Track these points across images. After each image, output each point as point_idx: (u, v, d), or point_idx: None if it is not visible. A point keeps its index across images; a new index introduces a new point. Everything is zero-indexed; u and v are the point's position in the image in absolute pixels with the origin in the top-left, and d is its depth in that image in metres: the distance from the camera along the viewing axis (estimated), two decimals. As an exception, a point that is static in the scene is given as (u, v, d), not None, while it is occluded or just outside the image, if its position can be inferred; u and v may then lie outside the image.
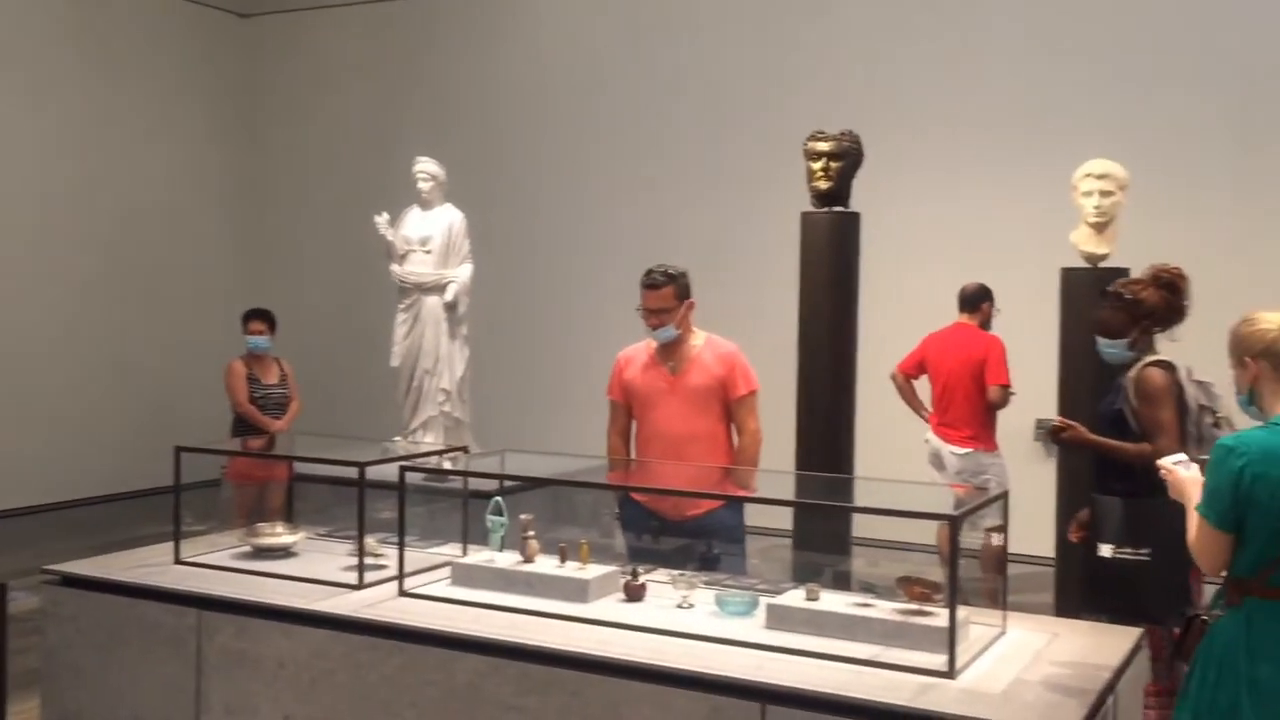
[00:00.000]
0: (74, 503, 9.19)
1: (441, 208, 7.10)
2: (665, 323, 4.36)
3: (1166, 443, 4.08)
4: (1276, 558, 2.79)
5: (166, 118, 10.27)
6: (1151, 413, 4.21)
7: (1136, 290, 4.37)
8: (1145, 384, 4.25)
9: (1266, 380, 2.91)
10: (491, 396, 7.97)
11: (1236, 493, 2.79)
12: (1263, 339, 2.91)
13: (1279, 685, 2.79)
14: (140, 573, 3.98)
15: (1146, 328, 4.36)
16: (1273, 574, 2.80)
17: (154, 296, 10.09)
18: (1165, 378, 4.24)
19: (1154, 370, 4.27)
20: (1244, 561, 2.84)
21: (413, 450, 5.81)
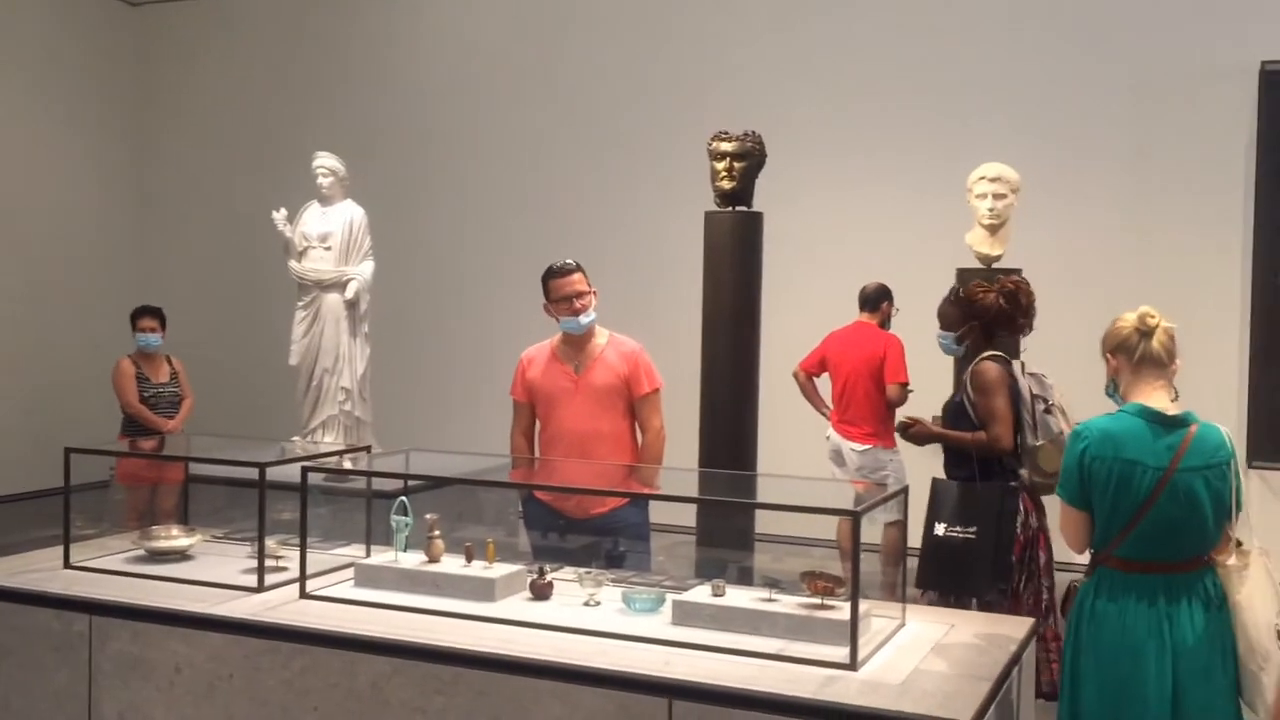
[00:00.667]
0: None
1: (342, 204, 6.99)
2: (587, 306, 4.39)
3: (1000, 430, 4.48)
4: (1119, 532, 3.12)
5: (51, 109, 9.92)
6: (986, 402, 4.53)
7: (976, 292, 4.69)
8: (980, 376, 4.58)
9: (1123, 372, 3.25)
10: (393, 396, 7.87)
11: (1080, 472, 3.15)
12: (1117, 336, 3.25)
13: (1115, 648, 3.13)
14: (27, 578, 3.85)
15: (975, 327, 4.68)
16: (1118, 546, 3.14)
17: (39, 294, 9.73)
18: (998, 370, 4.57)
19: (988, 364, 4.59)
20: (1097, 536, 3.20)
21: (313, 450, 5.71)
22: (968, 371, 4.67)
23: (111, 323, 7.96)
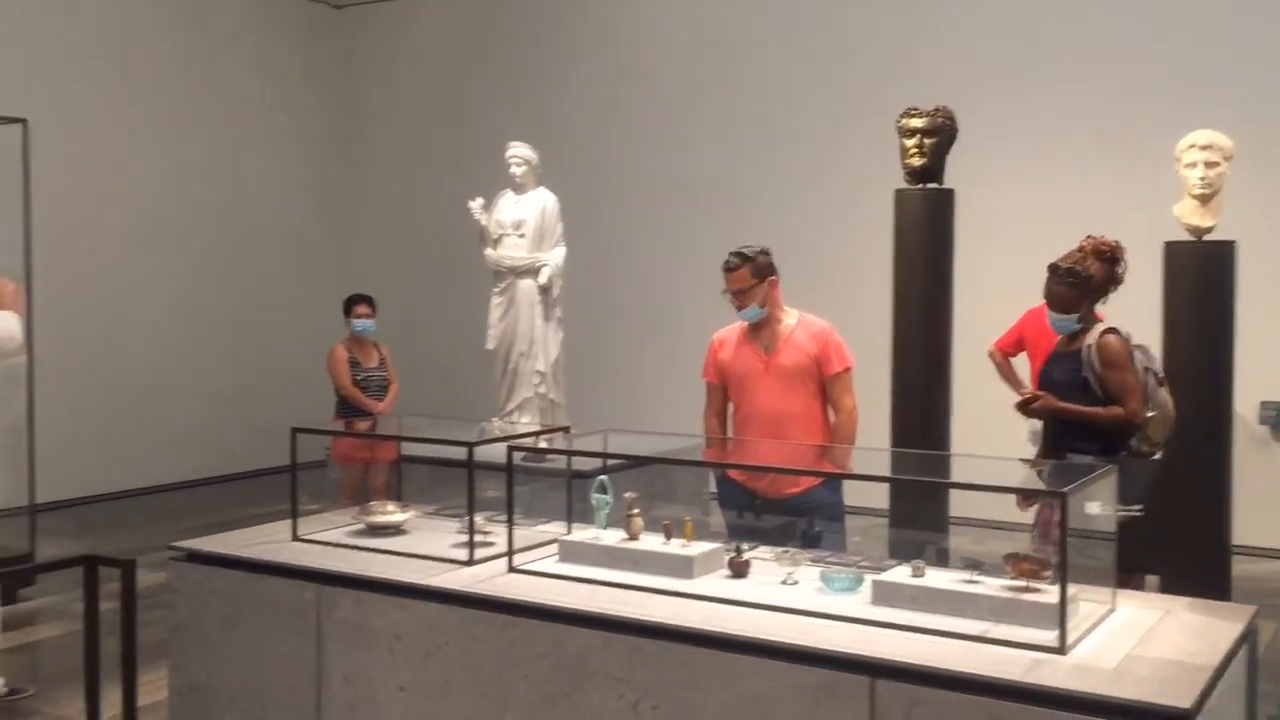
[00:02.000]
0: (189, 483, 9.51)
1: (535, 191, 7.19)
2: (747, 303, 4.42)
3: (1136, 404, 4.43)
4: None
5: (266, 109, 10.53)
6: (1119, 377, 4.45)
7: (1084, 266, 4.57)
8: (1108, 351, 4.49)
9: None
10: (584, 378, 8.06)
11: None
12: None
13: None
14: (261, 549, 4.14)
15: (1093, 300, 4.63)
16: None
17: (257, 285, 10.38)
18: (1123, 343, 4.50)
19: (1112, 338, 4.51)
20: None
21: (512, 431, 5.93)
22: (1086, 345, 4.55)
23: (324, 311, 8.43)
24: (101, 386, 9.02)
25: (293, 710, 3.92)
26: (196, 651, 4.14)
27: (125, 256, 9.36)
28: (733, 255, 4.46)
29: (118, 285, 9.27)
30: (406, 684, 3.69)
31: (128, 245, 9.36)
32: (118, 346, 9.22)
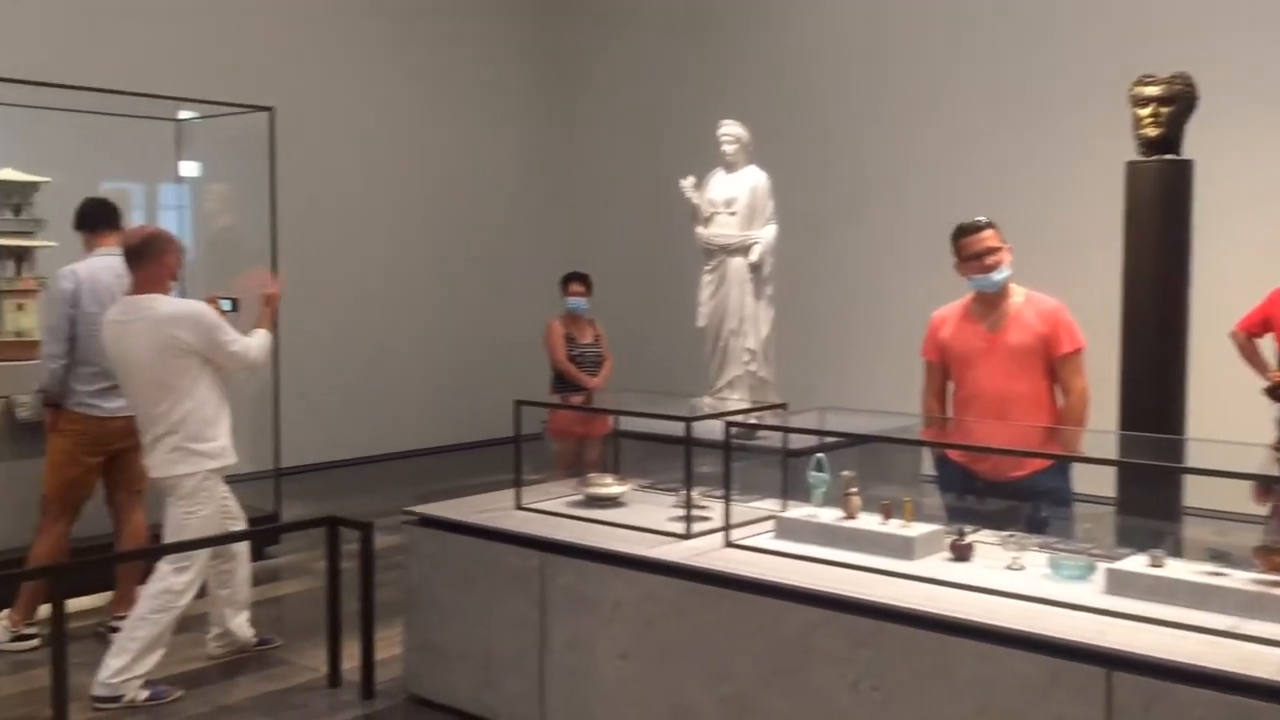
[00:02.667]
0: (419, 452, 9.99)
1: (746, 169, 7.17)
2: (1000, 262, 4.29)
3: None
4: None
5: (482, 86, 10.86)
6: None
7: None
8: None
9: None
10: (794, 356, 8.02)
11: None
12: None
13: None
14: (488, 516, 4.32)
15: None
16: None
17: (486, 261, 10.77)
18: None
19: None
20: None
21: (721, 408, 5.96)
22: None
23: (544, 287, 8.67)
24: (341, 360, 9.55)
25: (518, 672, 4.09)
26: (428, 611, 4.37)
27: (362, 237, 9.85)
28: (976, 219, 4.37)
29: (355, 264, 9.78)
30: (627, 652, 3.79)
31: (364, 226, 9.85)
32: (354, 322, 9.72)
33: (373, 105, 9.94)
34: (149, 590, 4.49)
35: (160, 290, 4.58)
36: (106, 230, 5.37)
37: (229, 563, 4.87)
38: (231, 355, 4.61)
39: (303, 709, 4.41)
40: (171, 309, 4.52)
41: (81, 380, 5.12)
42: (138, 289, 4.58)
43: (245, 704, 4.48)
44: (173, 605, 4.48)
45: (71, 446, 5.13)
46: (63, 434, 5.14)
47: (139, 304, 4.53)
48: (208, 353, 4.55)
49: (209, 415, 4.59)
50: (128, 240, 4.65)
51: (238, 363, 4.67)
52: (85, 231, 5.39)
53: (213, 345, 4.55)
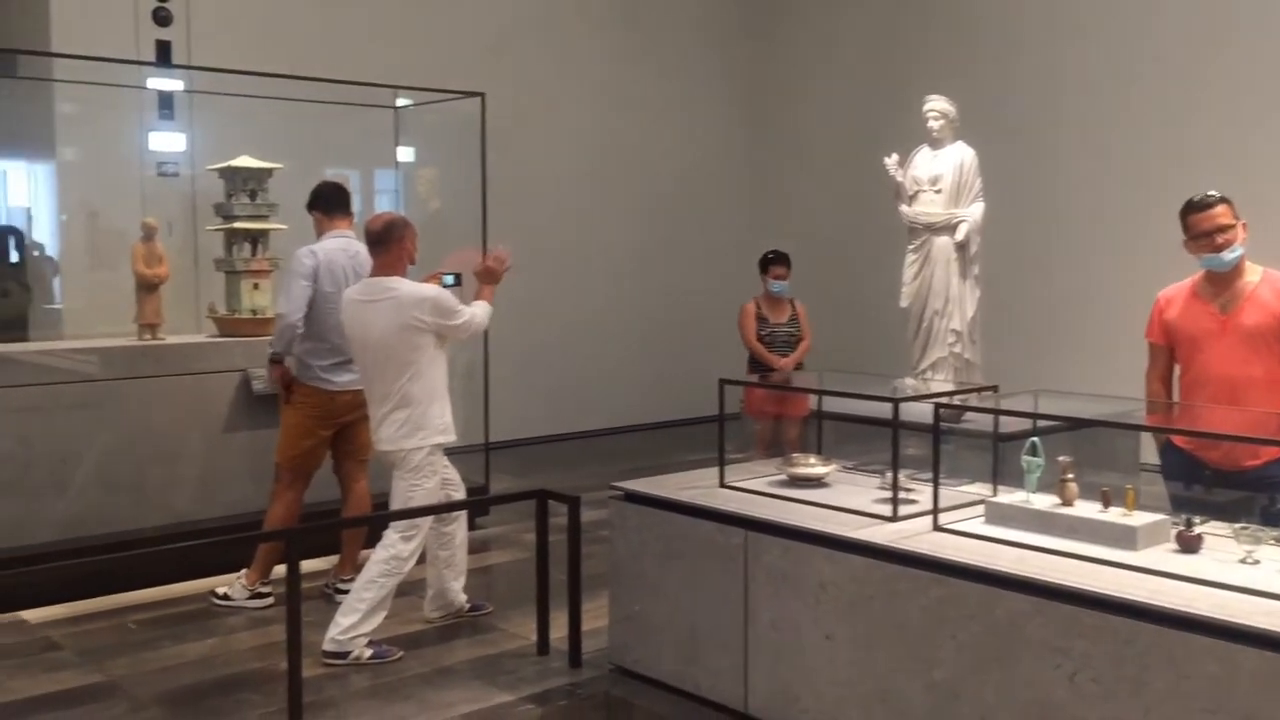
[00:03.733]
0: (619, 429, 10.19)
1: (952, 146, 6.98)
2: (1233, 240, 4.06)
3: None
4: None
5: (679, 66, 10.91)
6: None
7: None
8: None
9: None
10: (1001, 338, 7.78)
11: None
12: None
13: None
14: (692, 493, 4.37)
15: None
16: None
17: (687, 240, 10.87)
18: None
19: None
20: None
21: (924, 390, 5.84)
22: None
23: (742, 265, 8.68)
24: (546, 340, 9.81)
25: (721, 647, 4.13)
26: (633, 584, 4.46)
27: (566, 218, 10.08)
28: (1208, 194, 4.14)
29: (561, 246, 10.00)
30: (832, 633, 3.78)
31: (568, 207, 10.08)
32: (559, 302, 9.96)
33: (573, 88, 10.13)
34: (377, 556, 4.74)
35: (400, 273, 4.82)
36: (340, 214, 5.64)
37: (449, 525, 5.09)
38: (458, 328, 4.83)
39: (514, 674, 4.57)
40: (413, 291, 4.75)
41: (315, 355, 5.41)
42: (378, 271, 4.83)
43: (460, 666, 4.68)
44: (398, 570, 4.72)
45: (304, 419, 5.44)
46: (296, 407, 5.45)
47: (381, 285, 4.77)
48: (442, 331, 4.77)
49: (436, 393, 4.81)
50: (370, 225, 4.89)
51: (464, 332, 4.89)
52: (319, 213, 5.62)
53: (447, 324, 4.77)
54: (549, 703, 4.32)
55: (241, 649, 4.92)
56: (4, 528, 5.47)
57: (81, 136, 7.59)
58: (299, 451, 5.45)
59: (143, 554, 5.22)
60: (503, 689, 4.42)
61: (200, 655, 4.84)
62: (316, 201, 5.63)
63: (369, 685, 4.48)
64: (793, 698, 3.91)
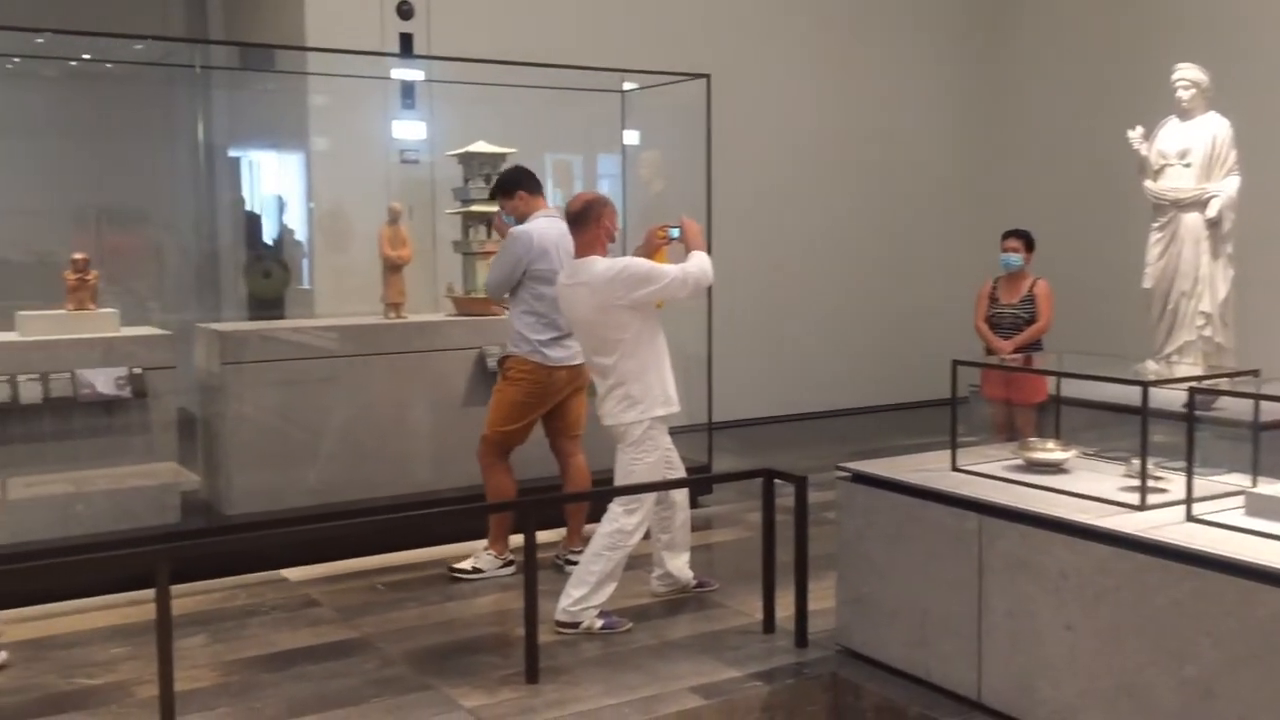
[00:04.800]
0: (843, 411, 10.11)
1: (1203, 117, 6.56)
2: None
3: None
4: None
5: (909, 39, 10.65)
6: None
7: None
8: None
9: None
10: (1257, 321, 7.28)
11: None
12: None
13: None
14: (924, 476, 4.29)
15: None
16: None
17: (916, 220, 10.65)
18: None
19: None
20: None
21: (1171, 374, 5.54)
22: None
23: (976, 245, 8.44)
24: (768, 319, 9.81)
25: (953, 634, 4.05)
26: (861, 566, 4.42)
27: (794, 199, 10.02)
28: None
29: (786, 225, 9.97)
30: (1073, 624, 3.65)
31: (793, 186, 10.01)
32: (782, 282, 9.94)
33: (800, 68, 10.05)
34: (603, 529, 4.87)
35: (599, 252, 4.89)
36: (541, 194, 5.79)
37: (669, 509, 5.17)
38: (664, 290, 4.77)
39: (740, 650, 4.61)
40: (603, 271, 4.78)
41: (532, 329, 5.53)
42: (579, 251, 4.92)
43: (687, 641, 4.75)
44: (623, 544, 4.83)
45: (521, 395, 5.53)
46: (514, 382, 5.55)
47: (580, 267, 4.87)
48: (645, 300, 4.77)
49: (651, 365, 4.87)
50: (569, 206, 4.99)
51: (679, 291, 4.79)
52: (524, 193, 5.66)
53: (648, 292, 4.75)
54: (776, 681, 4.33)
55: (478, 614, 5.15)
56: (265, 492, 5.90)
57: (331, 127, 8.07)
58: (512, 426, 5.56)
59: (387, 519, 5.53)
60: (729, 664, 4.47)
61: (441, 618, 5.10)
62: (520, 183, 5.70)
63: (599, 654, 4.61)
64: (1029, 688, 3.80)
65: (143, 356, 5.65)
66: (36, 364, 5.42)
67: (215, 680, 4.37)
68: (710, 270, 4.90)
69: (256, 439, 5.96)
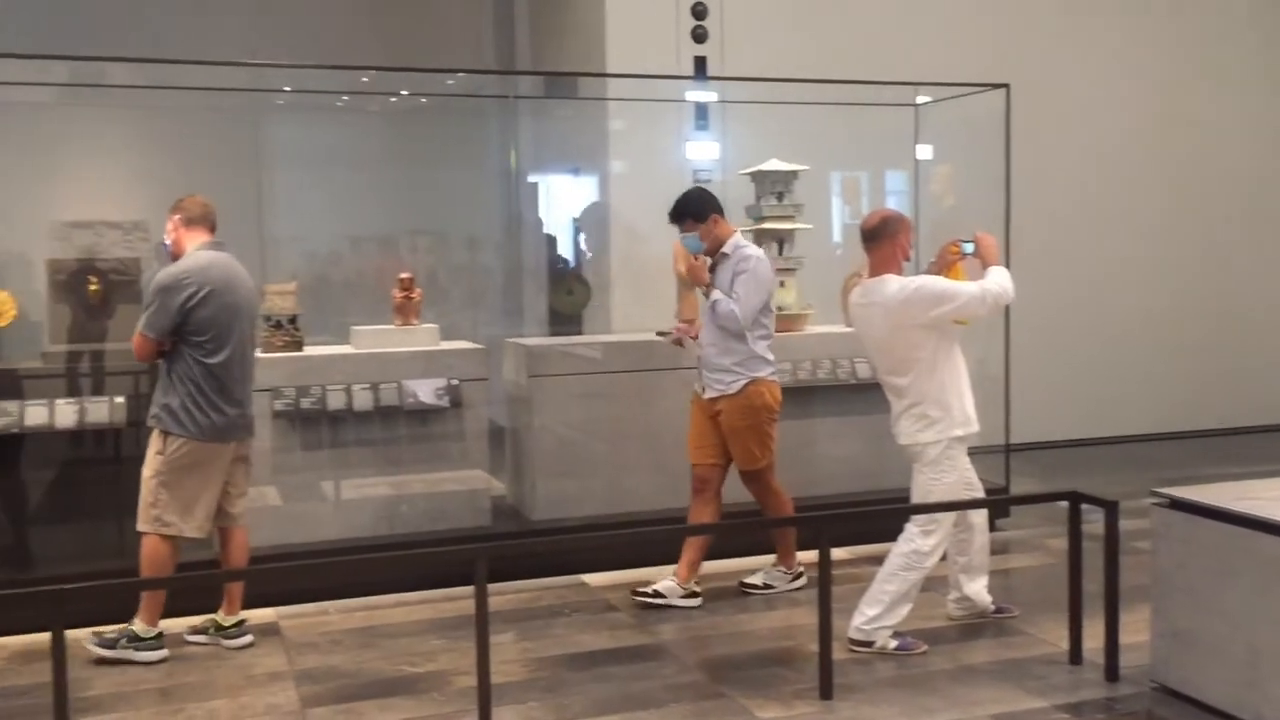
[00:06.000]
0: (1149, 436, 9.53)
1: None
2: None
3: None
4: None
5: (1220, 50, 9.96)
6: None
7: None
8: None
9: None
10: None
11: None
12: None
13: None
14: (1252, 504, 3.98)
15: None
16: None
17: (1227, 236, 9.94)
18: None
19: None
20: None
21: None
22: None
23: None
24: (1070, 338, 9.36)
25: (1290, 676, 3.74)
26: (1180, 599, 4.15)
27: (1099, 209, 9.52)
28: None
29: (1090, 238, 9.46)
30: None
31: (1101, 198, 9.51)
32: (1087, 299, 9.46)
33: (1101, 68, 9.58)
34: (898, 549, 4.80)
35: (893, 270, 4.81)
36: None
37: (966, 532, 5.03)
38: (962, 308, 4.67)
39: (1044, 680, 4.43)
40: (896, 292, 4.70)
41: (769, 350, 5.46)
42: (873, 269, 4.86)
43: (987, 667, 4.61)
44: (918, 565, 4.75)
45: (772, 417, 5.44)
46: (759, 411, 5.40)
47: (873, 287, 4.81)
48: (941, 319, 4.68)
49: (948, 385, 4.76)
50: (865, 223, 4.91)
51: (980, 309, 4.68)
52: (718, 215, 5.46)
53: (945, 311, 4.66)
54: (1084, 715, 4.14)
55: (770, 627, 5.19)
56: (566, 499, 6.18)
57: (629, 149, 8.38)
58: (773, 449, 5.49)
59: (682, 529, 5.64)
60: (1033, 694, 4.30)
61: (733, 629, 5.17)
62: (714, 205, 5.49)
63: (894, 675, 4.55)
64: (1379, 742, 3.45)
65: (459, 368, 6.06)
66: (367, 374, 5.91)
67: (525, 675, 4.62)
68: (1010, 286, 4.76)
69: (559, 448, 6.25)
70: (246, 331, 4.98)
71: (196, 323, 4.75)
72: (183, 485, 4.81)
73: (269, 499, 5.79)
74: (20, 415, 5.37)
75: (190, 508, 4.82)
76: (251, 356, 5.07)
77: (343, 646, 4.99)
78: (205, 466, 4.85)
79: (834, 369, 6.70)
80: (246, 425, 5.01)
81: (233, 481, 5.02)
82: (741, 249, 5.44)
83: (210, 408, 4.79)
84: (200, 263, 4.83)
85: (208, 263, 4.84)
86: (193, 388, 4.78)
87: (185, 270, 4.79)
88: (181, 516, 4.80)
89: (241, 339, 4.92)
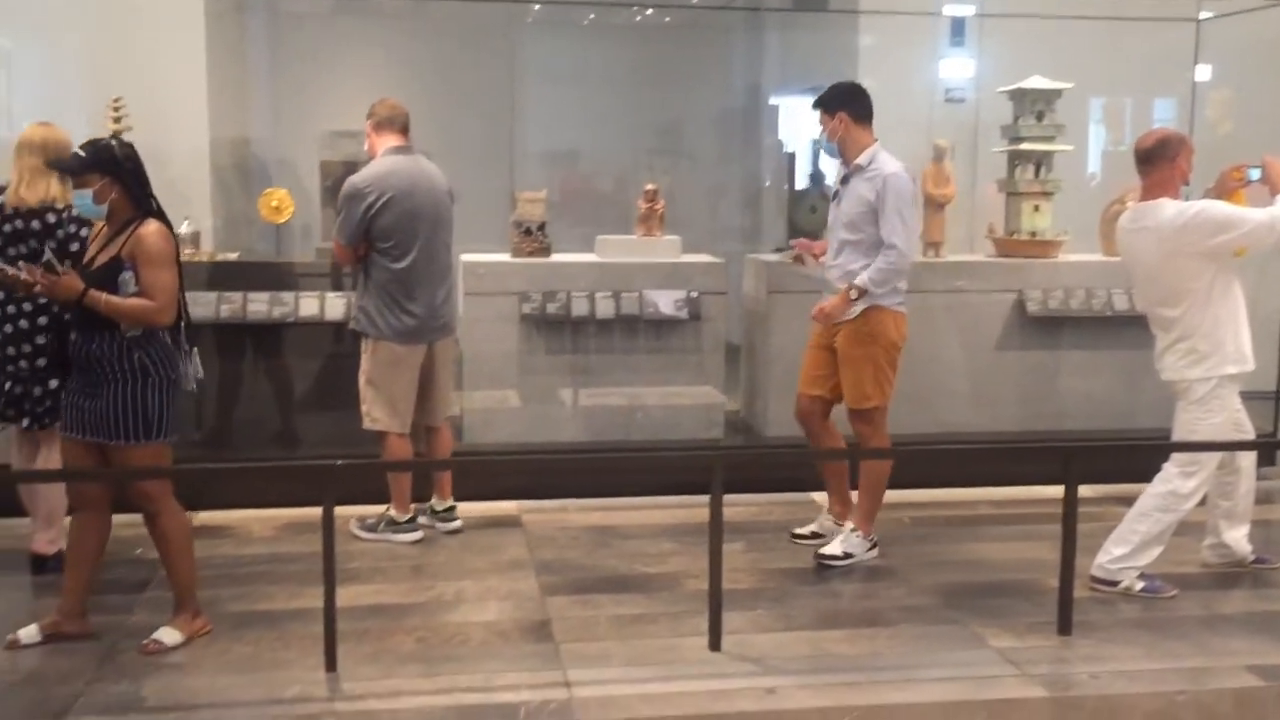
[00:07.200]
0: None
1: None
2: None
3: None
4: None
5: None
6: None
7: None
8: None
9: None
10: None
11: None
12: None
13: None
14: None
15: None
16: None
17: None
18: None
19: None
20: None
21: None
22: None
23: None
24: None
25: None
26: None
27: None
28: None
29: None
30: None
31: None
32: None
33: None
34: (1153, 489, 4.57)
35: (1170, 194, 4.50)
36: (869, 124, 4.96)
37: (1233, 475, 4.74)
38: (1251, 234, 4.33)
39: (1311, 639, 4.17)
40: (1171, 217, 4.40)
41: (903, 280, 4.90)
42: (1146, 193, 4.56)
43: (1243, 617, 4.37)
44: (1175, 507, 4.51)
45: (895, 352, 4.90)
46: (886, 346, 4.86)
47: (1146, 210, 4.52)
48: (1222, 248, 4.37)
49: (1223, 319, 4.46)
50: (1141, 143, 4.58)
51: (1270, 236, 4.33)
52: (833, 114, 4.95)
53: (1228, 239, 4.35)
54: (1350, 675, 3.87)
55: (1007, 559, 5.05)
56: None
57: (879, 66, 8.12)
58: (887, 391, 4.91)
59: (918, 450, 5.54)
60: (1296, 649, 4.06)
61: (969, 558, 5.08)
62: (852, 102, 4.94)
63: (1138, 616, 4.37)
64: None
65: (699, 281, 6.10)
66: (610, 283, 6.03)
67: (753, 584, 4.68)
68: None
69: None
70: (434, 236, 5.01)
71: (379, 229, 4.91)
72: (386, 384, 5.02)
73: (511, 400, 6.04)
74: (295, 306, 5.77)
75: (394, 405, 5.04)
76: (445, 260, 5.11)
77: (580, 543, 5.18)
78: (401, 365, 5.02)
79: (1088, 299, 6.37)
80: (440, 328, 5.11)
81: (435, 383, 5.16)
82: (878, 162, 4.81)
83: (401, 310, 4.97)
84: (382, 169, 4.95)
85: (389, 169, 4.95)
86: (382, 292, 4.97)
87: (365, 178, 4.94)
88: (387, 414, 5.04)
89: (428, 243, 4.99)
